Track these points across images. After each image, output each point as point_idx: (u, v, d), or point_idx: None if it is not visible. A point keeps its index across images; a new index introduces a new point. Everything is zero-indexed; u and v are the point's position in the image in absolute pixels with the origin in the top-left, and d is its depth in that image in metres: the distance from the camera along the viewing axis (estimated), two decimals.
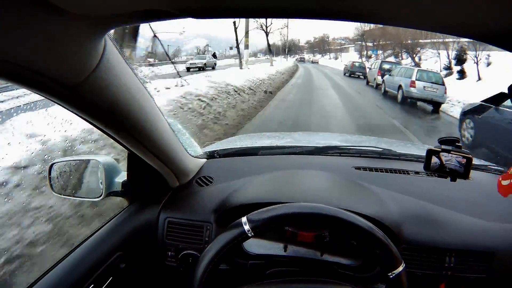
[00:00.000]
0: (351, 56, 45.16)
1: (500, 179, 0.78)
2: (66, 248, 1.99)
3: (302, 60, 55.58)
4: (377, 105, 9.88)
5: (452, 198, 1.04)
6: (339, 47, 64.82)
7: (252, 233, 0.68)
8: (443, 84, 10.09)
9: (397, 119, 7.64)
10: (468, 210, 0.99)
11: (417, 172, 1.15)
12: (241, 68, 12.66)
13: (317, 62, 51.17)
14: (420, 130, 6.74)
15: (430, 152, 0.92)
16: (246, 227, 0.68)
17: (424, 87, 9.90)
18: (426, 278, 0.88)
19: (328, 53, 67.69)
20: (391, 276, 0.68)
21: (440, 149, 0.91)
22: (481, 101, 5.56)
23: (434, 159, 0.92)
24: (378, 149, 1.32)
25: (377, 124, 6.82)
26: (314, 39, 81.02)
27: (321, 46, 73.13)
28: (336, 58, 57.82)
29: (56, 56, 0.47)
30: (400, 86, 10.62)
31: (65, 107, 0.59)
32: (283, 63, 26.03)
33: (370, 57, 37.70)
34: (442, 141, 0.92)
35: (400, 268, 0.68)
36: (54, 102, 0.56)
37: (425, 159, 0.93)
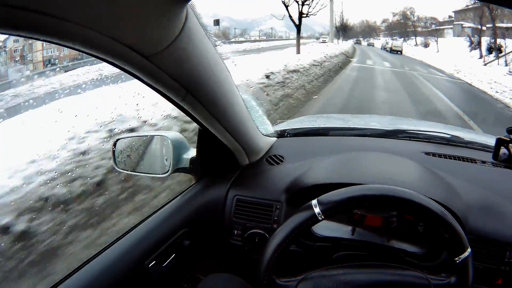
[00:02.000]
0: (449, 43, 32.31)
1: None
2: None
3: (357, 42, 47.65)
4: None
5: None
6: (427, 29, 44.72)
7: (323, 216, 0.67)
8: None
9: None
10: None
11: (483, 162, 1.10)
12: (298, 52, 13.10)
13: (399, 51, 31.15)
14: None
15: (500, 142, 0.91)
16: (317, 210, 0.67)
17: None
18: (485, 272, 0.86)
19: (413, 37, 47.27)
20: (457, 261, 0.67)
21: (509, 139, 0.89)
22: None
23: (503, 150, 0.91)
24: (446, 135, 1.29)
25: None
26: (392, 16, 57.80)
27: (403, 27, 50.72)
28: (426, 46, 38.83)
29: (137, 24, 0.46)
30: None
31: (139, 78, 0.58)
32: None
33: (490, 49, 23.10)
34: (510, 131, 0.89)
35: (467, 253, 0.67)
36: (127, 72, 0.55)
37: (494, 148, 0.92)
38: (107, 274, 0.74)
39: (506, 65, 18.89)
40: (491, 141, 0.92)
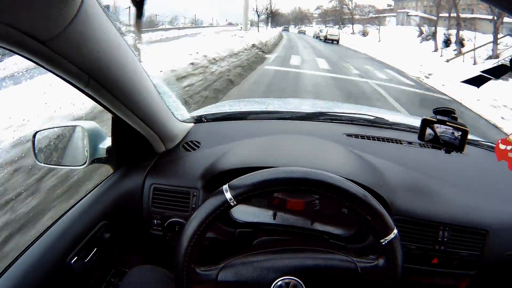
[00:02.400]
0: (392, 31, 29.89)
1: (499, 141, 0.76)
2: None
3: (285, 29, 46.81)
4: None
5: (446, 171, 1.02)
6: (365, 17, 42.98)
7: (235, 202, 0.64)
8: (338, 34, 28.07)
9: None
10: (462, 185, 0.98)
11: (410, 142, 1.13)
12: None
13: (335, 41, 27.53)
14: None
15: (425, 122, 0.89)
16: (228, 195, 0.64)
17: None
18: (419, 252, 0.87)
19: (350, 24, 45.59)
20: (383, 243, 0.65)
21: (435, 120, 0.88)
22: (481, 72, 5.60)
23: (429, 130, 0.89)
24: (370, 117, 1.29)
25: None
26: (328, 2, 56.76)
27: (339, 14, 49.90)
28: (364, 34, 37.06)
29: (28, 7, 0.43)
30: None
31: (39, 64, 0.55)
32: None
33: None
34: (437, 111, 0.89)
35: (392, 235, 0.65)
36: (26, 58, 0.52)
37: (419, 129, 0.90)
38: (30, 277, 0.71)
39: (475, 63, 16.89)
40: (417, 122, 0.91)
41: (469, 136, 0.87)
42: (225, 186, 0.65)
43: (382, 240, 0.65)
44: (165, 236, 0.96)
